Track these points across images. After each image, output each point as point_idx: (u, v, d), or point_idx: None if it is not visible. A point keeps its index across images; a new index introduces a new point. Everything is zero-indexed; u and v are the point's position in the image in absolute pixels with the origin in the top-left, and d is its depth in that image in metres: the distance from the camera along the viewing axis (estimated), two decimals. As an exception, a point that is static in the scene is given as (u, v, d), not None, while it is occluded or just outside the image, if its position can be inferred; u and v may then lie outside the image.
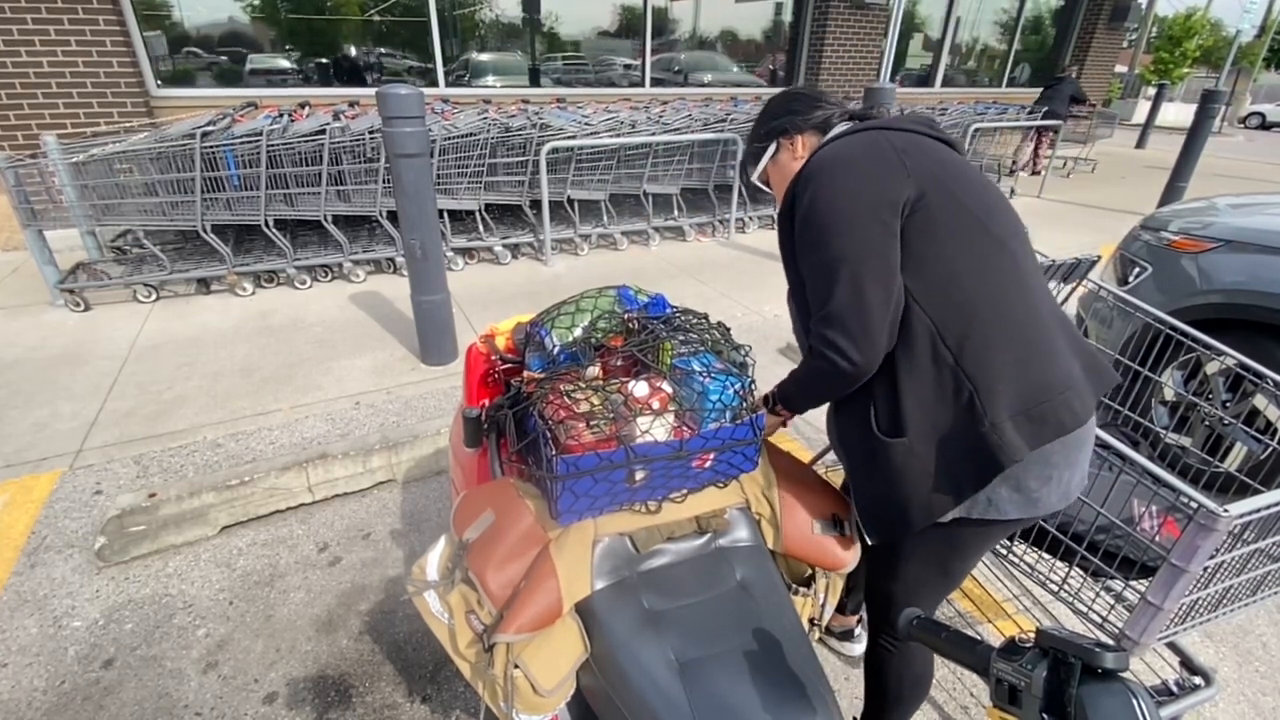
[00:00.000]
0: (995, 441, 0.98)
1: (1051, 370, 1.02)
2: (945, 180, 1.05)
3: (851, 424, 1.12)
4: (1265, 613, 2.08)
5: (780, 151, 1.27)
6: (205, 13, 5.43)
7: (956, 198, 1.04)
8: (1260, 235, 2.46)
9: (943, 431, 1.02)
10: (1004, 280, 1.03)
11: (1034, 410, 1.00)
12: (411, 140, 2.81)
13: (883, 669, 1.33)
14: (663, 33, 7.42)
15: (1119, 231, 3.46)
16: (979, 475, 1.01)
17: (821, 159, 1.09)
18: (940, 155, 1.08)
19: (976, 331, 1.00)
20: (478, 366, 1.41)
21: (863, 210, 1.02)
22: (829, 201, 1.04)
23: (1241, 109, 22.05)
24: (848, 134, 1.13)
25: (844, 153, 1.07)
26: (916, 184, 1.03)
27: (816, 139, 1.23)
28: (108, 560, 2.08)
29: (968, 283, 1.02)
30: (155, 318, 3.82)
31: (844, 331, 1.00)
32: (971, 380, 0.99)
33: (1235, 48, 12.21)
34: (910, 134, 1.10)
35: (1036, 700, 0.61)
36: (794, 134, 1.24)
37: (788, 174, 1.25)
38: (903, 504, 1.06)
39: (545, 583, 1.00)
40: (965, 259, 1.02)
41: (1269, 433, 2.11)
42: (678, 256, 5.22)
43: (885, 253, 1.01)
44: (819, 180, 1.06)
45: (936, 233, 1.02)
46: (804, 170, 1.10)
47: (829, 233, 1.03)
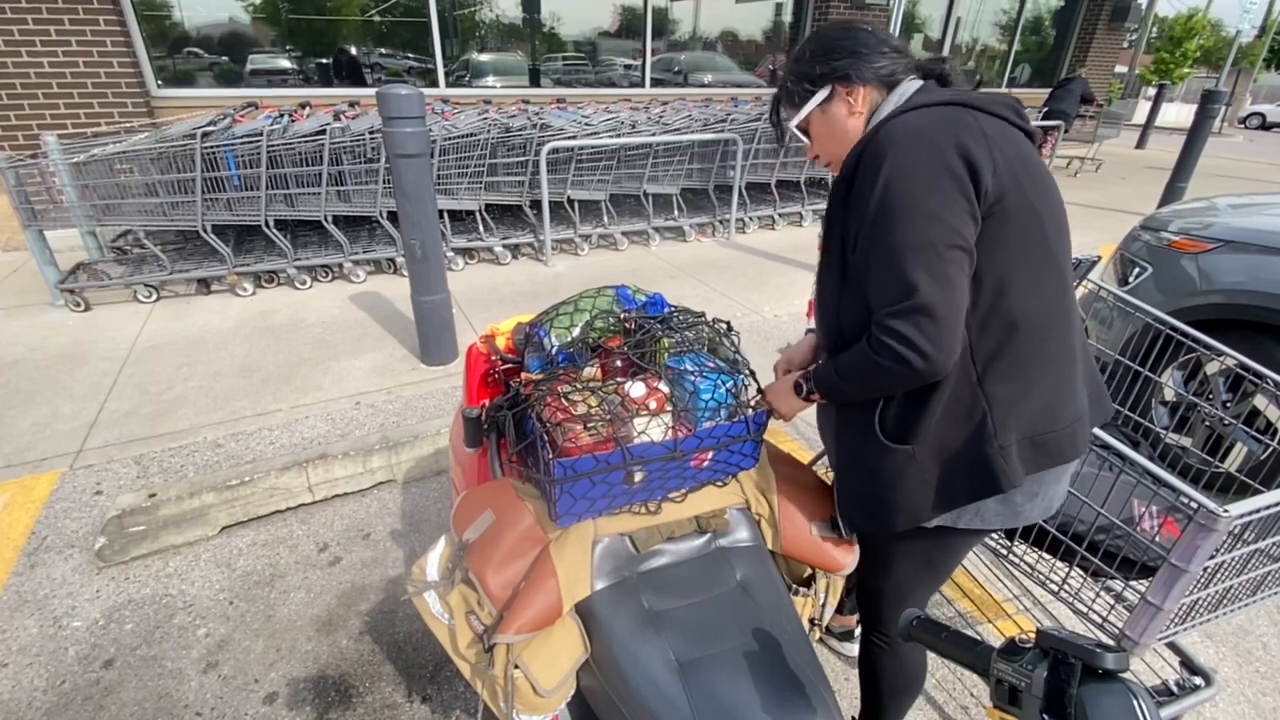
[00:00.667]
0: (1000, 465, 0.97)
1: (1065, 402, 1.02)
2: (1025, 185, 0.94)
3: (852, 420, 1.08)
4: (1265, 613, 2.08)
5: (834, 100, 1.07)
6: (205, 13, 5.43)
7: (1032, 208, 0.95)
8: (1260, 235, 2.46)
9: (948, 444, 1.00)
10: (1048, 304, 0.98)
11: (1039, 438, 1.00)
12: (412, 140, 2.81)
13: (876, 666, 1.33)
14: (663, 33, 7.42)
15: (1119, 231, 3.46)
16: (974, 491, 1.01)
17: (899, 132, 0.94)
18: (1024, 152, 0.97)
19: (1008, 354, 0.96)
20: (478, 367, 1.41)
21: (954, 193, 0.90)
22: (911, 184, 0.91)
23: (1242, 109, 22.05)
24: (927, 104, 0.97)
25: (927, 129, 0.93)
26: (999, 181, 0.92)
27: (879, 94, 1.06)
28: (108, 560, 2.08)
29: (1017, 300, 0.95)
30: (156, 318, 3.82)
31: (928, 328, 0.90)
32: (989, 400, 0.97)
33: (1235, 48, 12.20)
34: (999, 120, 0.97)
35: (1037, 700, 0.61)
36: (856, 83, 1.05)
37: (839, 130, 1.08)
38: (890, 505, 1.05)
39: (545, 583, 1.00)
40: (1022, 274, 0.95)
41: (1269, 433, 2.11)
42: (678, 257, 5.22)
43: (970, 246, 0.92)
44: (897, 158, 0.92)
45: (1003, 241, 0.94)
46: (874, 143, 0.95)
47: (912, 214, 0.90)
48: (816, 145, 1.14)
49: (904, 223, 0.90)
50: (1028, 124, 1.01)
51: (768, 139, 5.69)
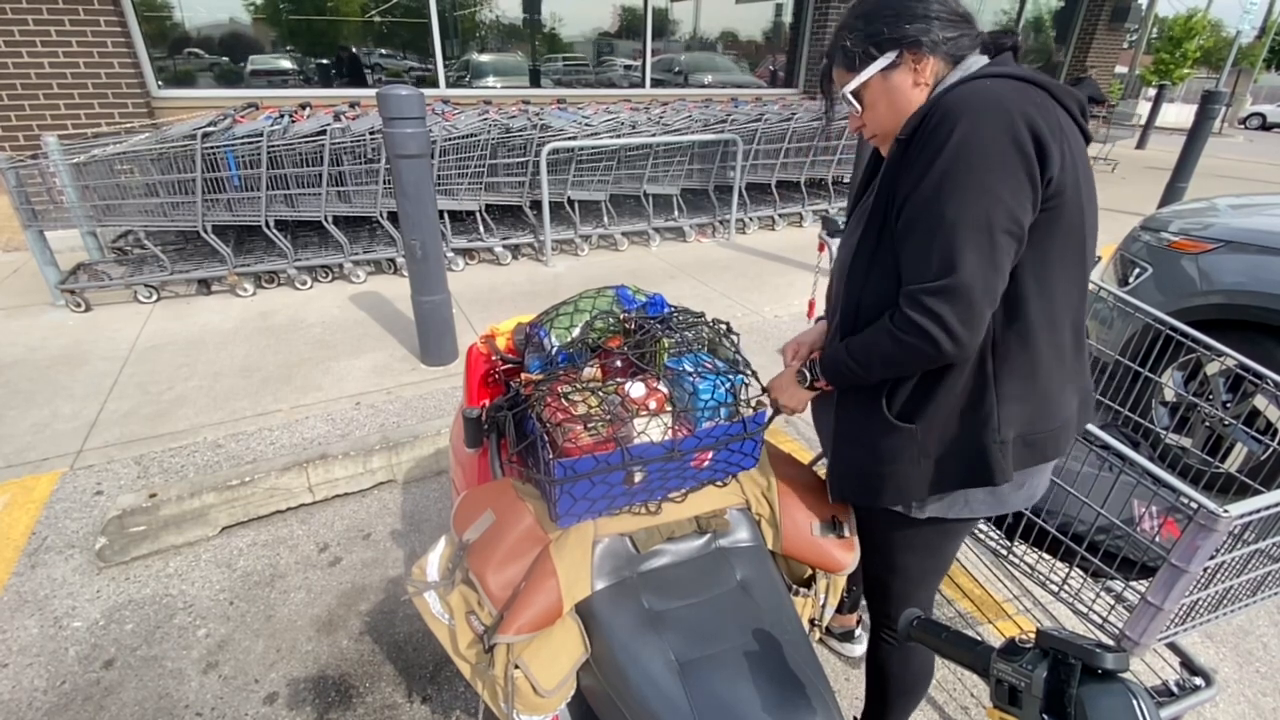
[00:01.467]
0: (997, 458, 0.99)
1: (1059, 406, 1.03)
2: (1080, 186, 0.90)
3: (856, 394, 1.08)
4: (1265, 613, 2.08)
5: (899, 68, 0.97)
6: (206, 13, 5.44)
7: (1082, 210, 0.91)
8: (1260, 236, 2.46)
9: (951, 430, 1.01)
10: (1070, 309, 0.98)
11: (1031, 436, 1.01)
12: (412, 141, 2.81)
13: (884, 664, 1.33)
14: (663, 33, 7.42)
15: (1119, 232, 3.46)
16: (966, 480, 1.02)
17: (978, 96, 0.86)
18: (1082, 152, 0.93)
19: (1027, 351, 0.96)
20: (478, 367, 1.42)
21: (1022, 174, 0.85)
22: (984, 150, 0.84)
23: (1242, 110, 22.06)
24: (1004, 74, 0.91)
25: (1008, 98, 0.86)
26: (1062, 178, 0.87)
27: (946, 67, 0.97)
28: (108, 560, 2.08)
29: (1044, 302, 0.94)
30: (156, 318, 3.82)
31: (963, 310, 0.86)
32: (999, 394, 0.97)
33: (1235, 48, 12.21)
34: (1066, 113, 0.92)
35: (1037, 701, 0.61)
36: (926, 52, 0.95)
37: (900, 101, 0.99)
38: (882, 480, 1.07)
39: (545, 583, 1.00)
40: (1056, 278, 0.93)
41: (1269, 433, 2.11)
42: (678, 257, 5.22)
43: (1024, 232, 0.87)
44: (972, 121, 0.85)
45: (1048, 241, 0.90)
46: (949, 102, 0.87)
47: (974, 188, 0.84)
48: (868, 115, 1.04)
49: (963, 195, 0.85)
50: (1086, 125, 0.96)
51: (768, 139, 5.69)
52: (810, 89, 7.99)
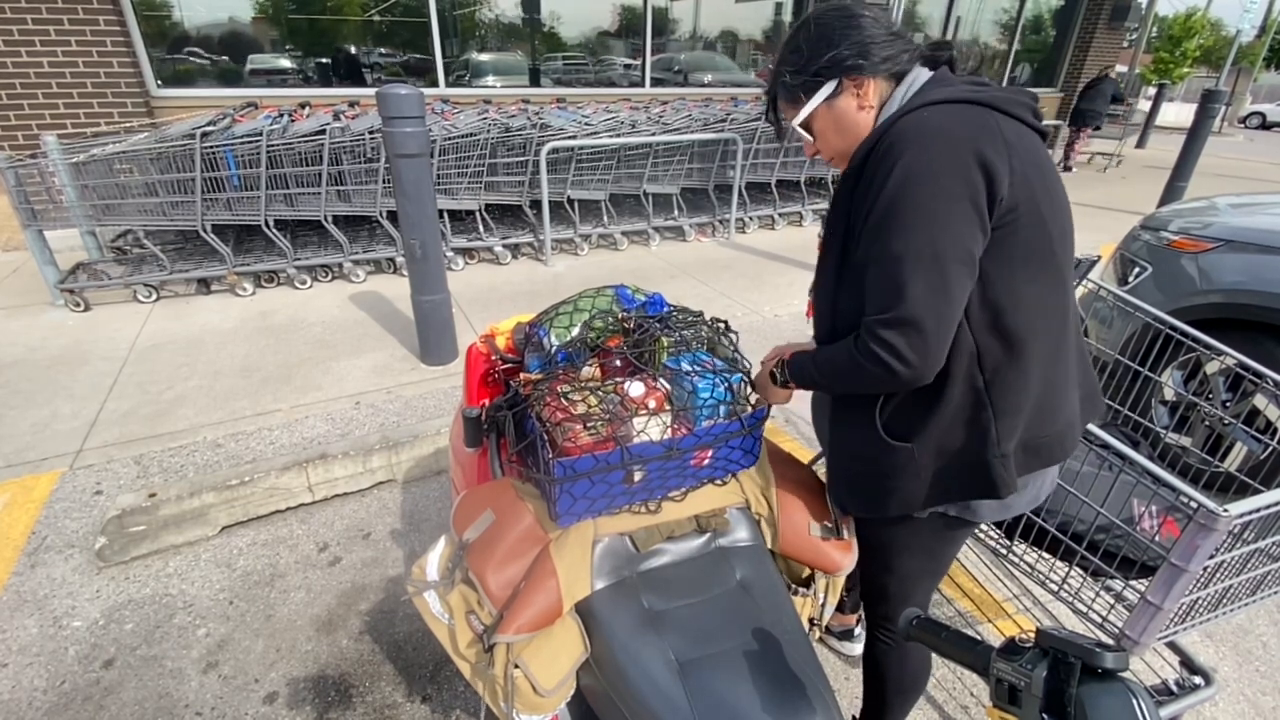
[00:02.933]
0: (999, 472, 0.98)
1: (1060, 408, 1.03)
2: (1037, 195, 0.91)
3: (852, 414, 1.08)
4: (1265, 612, 2.08)
5: (841, 95, 0.99)
6: (205, 13, 5.43)
7: (1043, 219, 0.92)
8: (1260, 235, 2.46)
9: (950, 446, 1.00)
10: (1052, 315, 0.98)
11: (1033, 442, 1.01)
12: (411, 140, 2.81)
13: (881, 664, 1.33)
14: (663, 33, 7.42)
15: (1119, 231, 3.46)
16: (969, 492, 1.02)
17: (921, 129, 0.89)
18: (1039, 158, 0.94)
19: (1014, 362, 0.96)
20: (478, 366, 1.41)
21: (966, 203, 0.87)
22: (927, 185, 0.86)
23: (1242, 109, 22.06)
24: (946, 100, 0.92)
25: (951, 129, 0.88)
26: (1013, 193, 0.89)
27: (889, 86, 1.00)
28: (108, 560, 2.08)
29: (1022, 312, 0.94)
30: (155, 318, 3.82)
31: (915, 337, 0.88)
32: (995, 409, 0.97)
33: (1235, 47, 12.20)
34: (1017, 123, 0.93)
35: (1036, 700, 0.61)
36: (865, 75, 0.98)
37: (848, 126, 1.01)
38: (884, 494, 1.06)
39: (545, 583, 1.00)
40: (1027, 287, 0.94)
41: (1269, 432, 2.11)
42: (678, 256, 5.22)
43: (975, 259, 0.89)
44: (915, 156, 0.87)
45: (1011, 254, 0.91)
46: (894, 135, 0.90)
47: (917, 222, 0.87)
48: (820, 142, 1.07)
49: (909, 228, 0.87)
50: (1042, 124, 0.98)
51: (768, 139, 5.69)
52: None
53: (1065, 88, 10.45)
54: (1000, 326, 0.94)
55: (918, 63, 1.01)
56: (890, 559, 1.20)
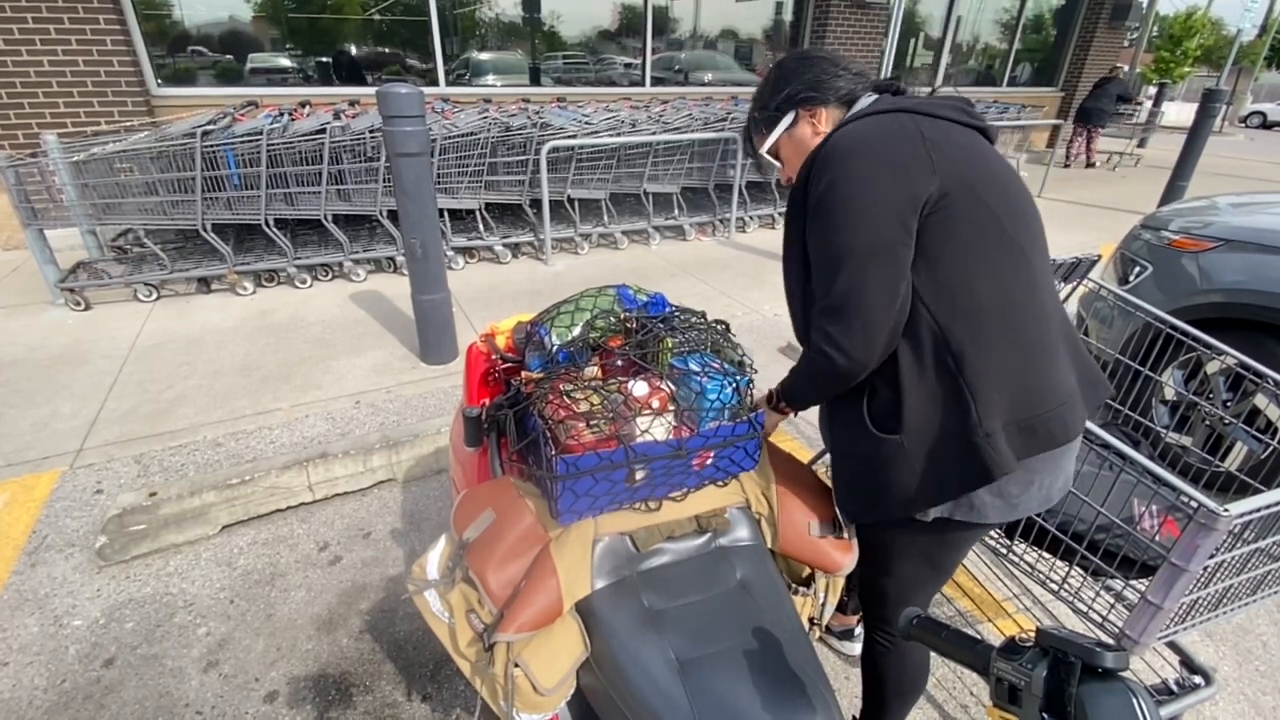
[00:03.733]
0: (988, 453, 0.98)
1: (1049, 384, 1.02)
2: (972, 179, 0.98)
3: (843, 413, 1.11)
4: (1265, 612, 2.08)
5: (798, 124, 1.15)
6: (205, 11, 5.43)
7: (981, 199, 0.98)
8: (1261, 234, 2.45)
9: (936, 434, 1.01)
10: (1015, 289, 1.00)
11: (1025, 422, 1.00)
12: (412, 139, 2.81)
13: (879, 665, 1.33)
14: (663, 32, 7.41)
15: (1119, 230, 3.46)
16: (965, 481, 1.01)
17: (843, 141, 1.00)
18: (970, 149, 1.02)
19: (981, 340, 0.98)
20: (478, 365, 1.41)
21: (881, 204, 0.96)
22: (846, 190, 0.97)
23: (1242, 108, 22.03)
24: (874, 113, 1.03)
25: (869, 137, 0.99)
26: (941, 181, 0.96)
27: (840, 112, 1.13)
28: (108, 559, 2.08)
29: (979, 290, 0.98)
30: (156, 317, 3.82)
31: (842, 328, 0.97)
32: (971, 389, 0.98)
33: (1236, 47, 12.19)
34: (942, 121, 1.02)
35: (1036, 699, 0.61)
36: (817, 105, 1.13)
37: (804, 149, 1.14)
38: (883, 494, 1.07)
39: (545, 582, 1.00)
40: (980, 265, 0.98)
41: (1269, 432, 2.11)
42: (678, 256, 5.21)
43: (896, 252, 0.96)
44: (838, 165, 0.98)
45: (954, 236, 0.97)
46: (823, 150, 1.02)
47: (841, 223, 0.97)
48: (787, 167, 1.20)
49: (832, 228, 0.98)
50: (979, 121, 1.07)
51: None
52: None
53: (1066, 87, 10.44)
54: (959, 307, 0.98)
55: (868, 90, 1.13)
56: (889, 563, 1.20)
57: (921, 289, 0.99)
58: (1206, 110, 6.23)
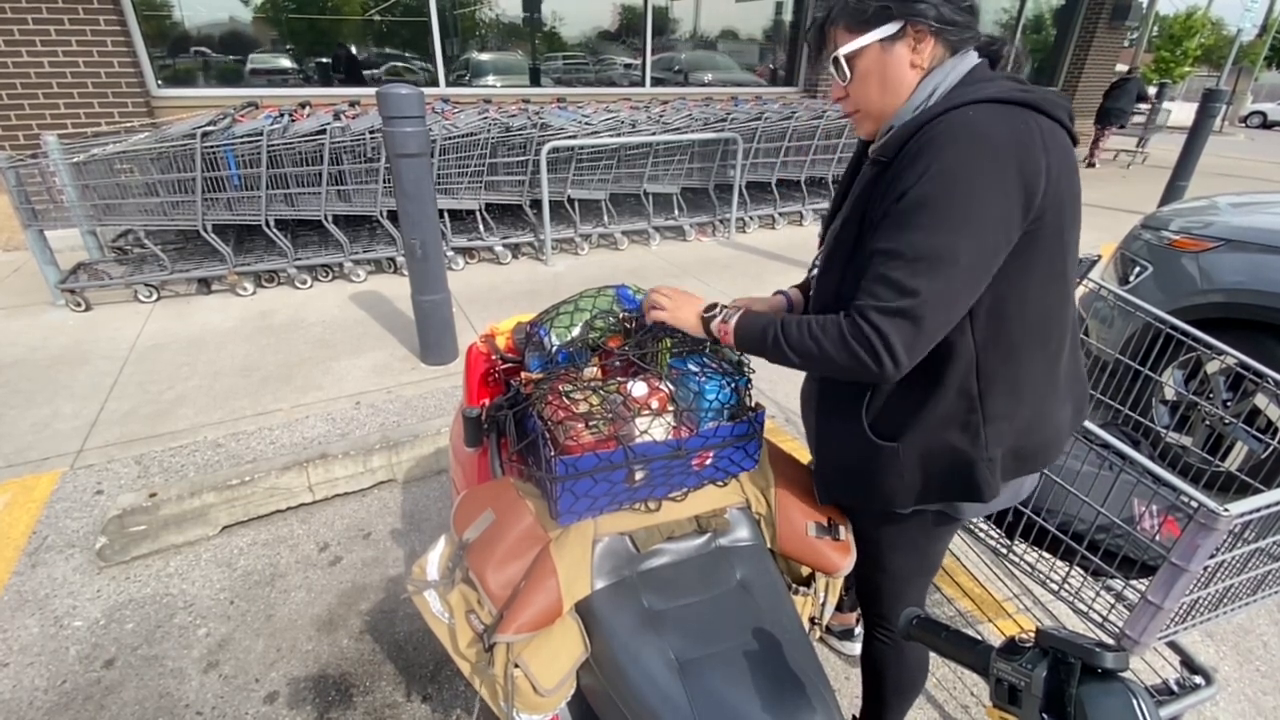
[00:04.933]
0: (985, 475, 0.99)
1: (1050, 418, 1.03)
2: (1064, 208, 0.90)
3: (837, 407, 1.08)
4: (1266, 612, 2.08)
5: (900, 41, 0.93)
6: (205, 12, 5.43)
7: (1061, 230, 0.91)
8: (1261, 234, 2.45)
9: (936, 448, 1.00)
10: (1053, 322, 0.97)
11: (1020, 450, 1.02)
12: (412, 140, 2.81)
13: (879, 663, 1.33)
14: (663, 32, 7.41)
15: (1119, 231, 3.45)
16: (952, 494, 1.03)
17: (970, 129, 0.85)
18: (1071, 169, 0.92)
19: (1012, 373, 0.96)
20: (478, 366, 1.41)
21: (999, 221, 0.85)
22: (968, 189, 0.84)
23: (1243, 108, 22.03)
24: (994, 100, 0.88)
25: (998, 135, 0.85)
26: (1043, 204, 0.87)
27: (945, 53, 0.95)
28: (109, 560, 2.08)
29: (1028, 322, 0.94)
30: (156, 317, 3.82)
31: (912, 334, 0.86)
32: (985, 415, 0.97)
33: (1236, 47, 12.19)
34: (1055, 125, 0.91)
35: (1036, 700, 0.61)
36: (930, 31, 0.92)
37: (891, 76, 0.95)
38: (867, 488, 1.08)
39: (545, 582, 1.00)
40: (1035, 300, 0.93)
41: (1269, 432, 2.11)
42: (678, 256, 5.21)
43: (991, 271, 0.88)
44: (962, 156, 0.84)
45: (1029, 265, 0.90)
46: (938, 132, 0.86)
47: (951, 225, 0.85)
48: (855, 85, 0.98)
49: (937, 228, 0.85)
50: (1074, 128, 0.95)
51: (768, 138, 5.69)
52: (811, 88, 7.98)
53: (1066, 87, 10.43)
54: (1003, 334, 0.94)
55: (973, 46, 0.97)
56: (880, 557, 1.21)
57: (975, 310, 0.91)
58: (1206, 110, 6.23)
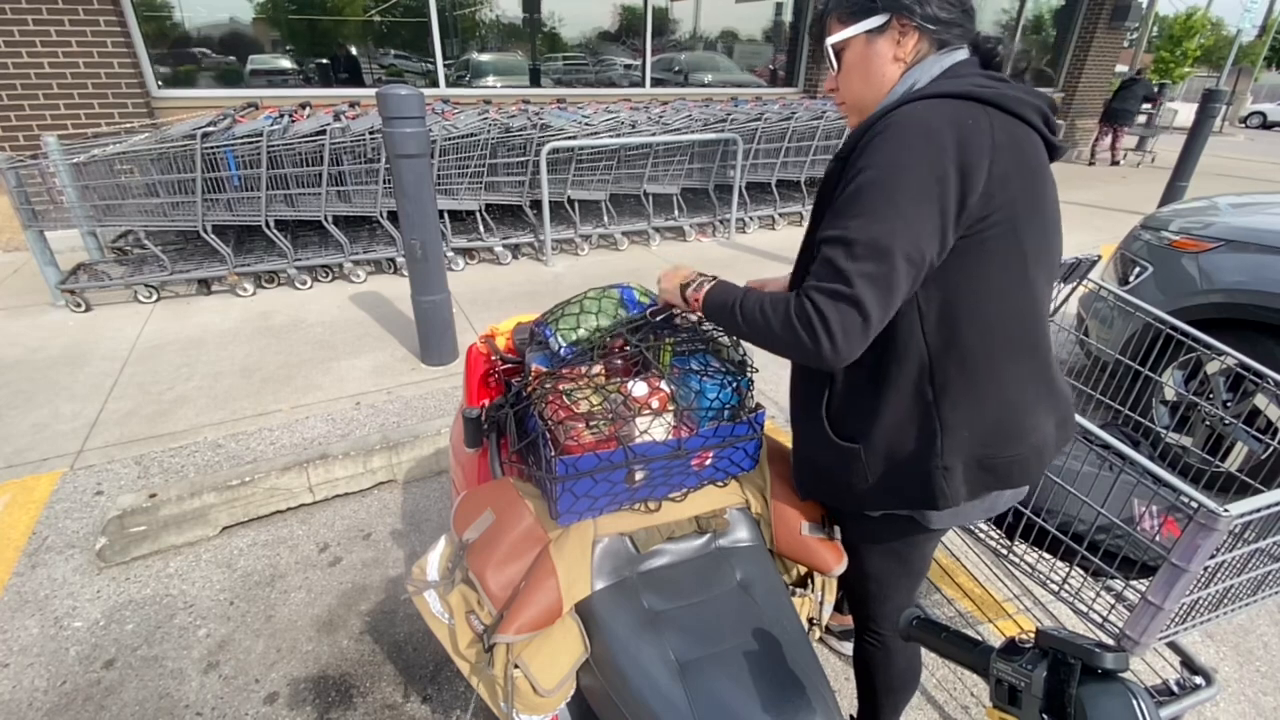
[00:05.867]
0: (940, 484, 0.99)
1: (1026, 433, 1.01)
2: (1019, 208, 0.90)
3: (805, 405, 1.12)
4: (1266, 612, 2.08)
5: (885, 33, 0.96)
6: (206, 13, 5.43)
7: (1018, 234, 0.91)
8: (1261, 235, 2.45)
9: (896, 454, 1.01)
10: (1016, 333, 0.96)
11: (988, 461, 1.00)
12: (412, 141, 2.81)
13: (870, 664, 1.33)
14: (663, 33, 7.41)
15: (1119, 231, 3.46)
16: (913, 502, 1.03)
17: (912, 121, 0.87)
18: (1032, 172, 0.92)
19: (966, 378, 0.96)
20: (478, 367, 1.42)
21: (933, 206, 0.86)
22: (903, 176, 0.86)
23: (1242, 108, 22.04)
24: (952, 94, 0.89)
25: (940, 129, 0.86)
26: (987, 201, 0.87)
27: (930, 49, 0.97)
28: (109, 560, 2.08)
29: (981, 331, 0.94)
30: (156, 318, 3.82)
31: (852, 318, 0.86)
32: (941, 421, 0.97)
33: (1236, 47, 12.19)
34: (1021, 126, 0.91)
35: (1036, 700, 0.61)
36: (914, 24, 0.95)
37: (874, 69, 0.98)
38: (836, 487, 1.10)
39: (545, 583, 1.00)
40: (991, 307, 0.93)
41: (1269, 432, 2.11)
42: (678, 256, 5.21)
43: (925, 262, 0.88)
44: (901, 147, 0.86)
45: (978, 270, 0.91)
46: (885, 124, 0.89)
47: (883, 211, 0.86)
48: (843, 77, 1.03)
49: (872, 215, 0.86)
50: (1053, 134, 0.95)
51: (768, 138, 5.69)
52: (811, 88, 7.99)
53: (1065, 88, 10.44)
54: (957, 340, 0.94)
55: (962, 44, 0.98)
56: (861, 559, 1.21)
57: (925, 312, 0.93)
58: (1206, 110, 6.23)
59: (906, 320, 0.94)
